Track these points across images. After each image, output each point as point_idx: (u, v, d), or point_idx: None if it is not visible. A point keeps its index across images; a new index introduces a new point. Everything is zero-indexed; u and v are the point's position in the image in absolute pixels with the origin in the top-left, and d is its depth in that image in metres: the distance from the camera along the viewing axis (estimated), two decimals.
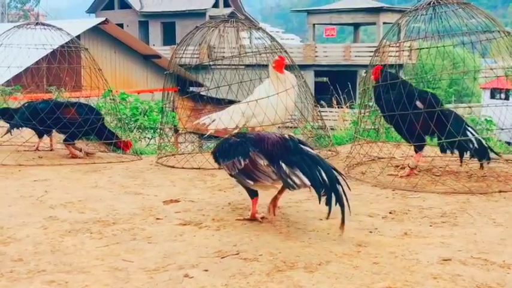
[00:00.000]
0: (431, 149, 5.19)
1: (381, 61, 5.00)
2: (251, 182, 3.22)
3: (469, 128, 4.51)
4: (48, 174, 4.91)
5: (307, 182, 3.01)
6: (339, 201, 2.94)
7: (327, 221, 3.33)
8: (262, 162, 3.15)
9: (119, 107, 7.28)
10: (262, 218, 3.38)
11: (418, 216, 3.44)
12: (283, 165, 3.09)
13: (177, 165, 5.31)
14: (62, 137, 5.86)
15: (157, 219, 3.48)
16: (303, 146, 3.17)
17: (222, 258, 2.75)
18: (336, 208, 2.92)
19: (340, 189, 2.97)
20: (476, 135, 4.48)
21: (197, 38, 5.84)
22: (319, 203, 2.99)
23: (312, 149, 3.22)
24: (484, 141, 4.52)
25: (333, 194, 2.95)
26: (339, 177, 3.04)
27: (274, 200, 3.36)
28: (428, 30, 4.71)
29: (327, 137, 6.06)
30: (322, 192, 2.98)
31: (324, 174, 2.99)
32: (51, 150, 6.19)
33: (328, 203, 2.95)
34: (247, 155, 3.19)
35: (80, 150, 5.88)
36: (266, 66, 5.61)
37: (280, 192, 3.34)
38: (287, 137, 3.22)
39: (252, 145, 3.22)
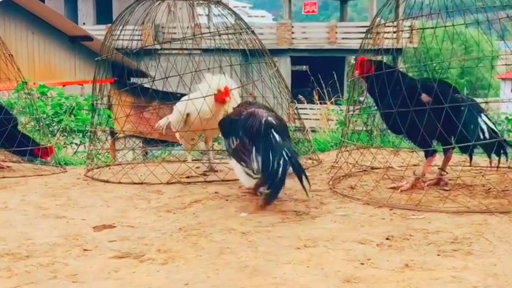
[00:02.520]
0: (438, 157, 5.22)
1: (374, 45, 5.01)
2: (244, 164, 4.13)
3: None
4: None
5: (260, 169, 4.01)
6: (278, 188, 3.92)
7: (306, 250, 3.33)
8: (247, 140, 4.13)
9: (37, 103, 7.16)
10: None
11: (422, 243, 3.44)
12: (253, 151, 4.06)
13: (113, 179, 5.26)
14: None
15: (85, 250, 3.42)
16: (272, 131, 4.07)
17: None
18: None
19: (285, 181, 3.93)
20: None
21: (139, 14, 5.78)
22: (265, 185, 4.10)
23: (284, 133, 4.17)
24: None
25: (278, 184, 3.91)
26: (299, 168, 4.00)
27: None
28: (434, 5, 4.73)
29: (307, 142, 6.06)
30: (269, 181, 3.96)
31: (275, 164, 3.90)
32: None
33: (271, 189, 3.95)
34: (238, 135, 4.19)
35: None
36: (227, 50, 5.58)
37: None
38: (263, 121, 4.11)
39: (240, 126, 4.19)
